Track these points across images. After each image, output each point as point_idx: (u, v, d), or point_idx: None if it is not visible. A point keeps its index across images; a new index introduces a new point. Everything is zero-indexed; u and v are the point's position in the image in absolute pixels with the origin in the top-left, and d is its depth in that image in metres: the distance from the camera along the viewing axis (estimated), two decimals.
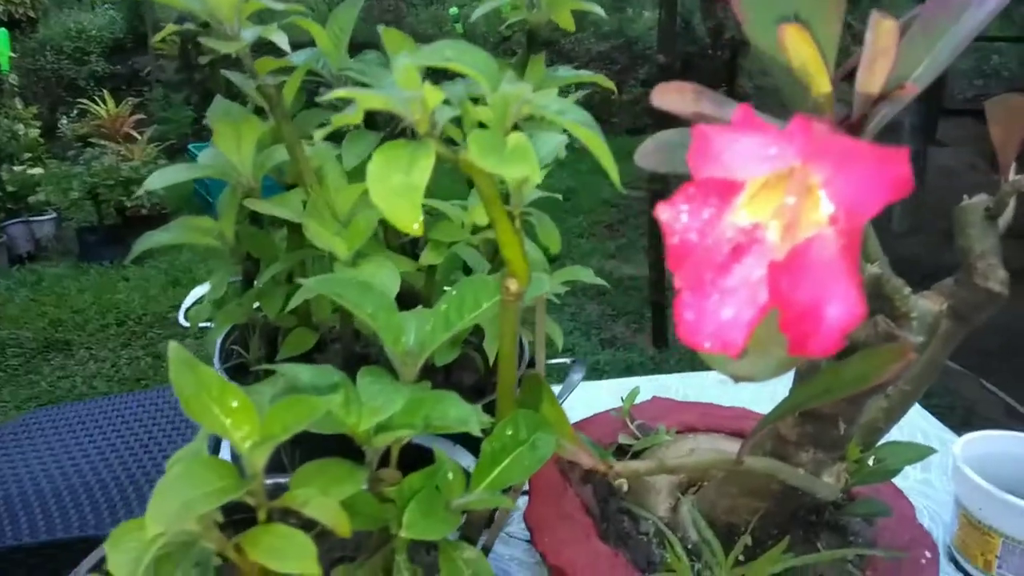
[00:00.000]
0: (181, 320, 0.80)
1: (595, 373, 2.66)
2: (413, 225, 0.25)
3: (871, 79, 0.25)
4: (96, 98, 4.08)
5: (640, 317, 3.12)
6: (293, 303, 0.52)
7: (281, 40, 0.54)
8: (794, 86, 0.29)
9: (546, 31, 0.70)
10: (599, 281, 0.70)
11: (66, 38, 5.09)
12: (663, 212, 0.19)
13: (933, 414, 0.96)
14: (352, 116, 0.29)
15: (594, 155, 0.28)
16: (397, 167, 0.25)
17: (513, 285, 0.31)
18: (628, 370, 2.71)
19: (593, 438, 0.68)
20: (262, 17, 0.59)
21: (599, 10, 0.61)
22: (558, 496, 0.61)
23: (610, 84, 0.71)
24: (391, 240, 0.70)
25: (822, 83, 0.27)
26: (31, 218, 3.65)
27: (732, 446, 0.63)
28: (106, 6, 5.43)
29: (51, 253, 3.70)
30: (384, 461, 0.39)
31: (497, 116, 0.26)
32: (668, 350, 2.87)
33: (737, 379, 0.25)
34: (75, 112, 4.32)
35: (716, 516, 0.55)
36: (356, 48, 0.65)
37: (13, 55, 4.08)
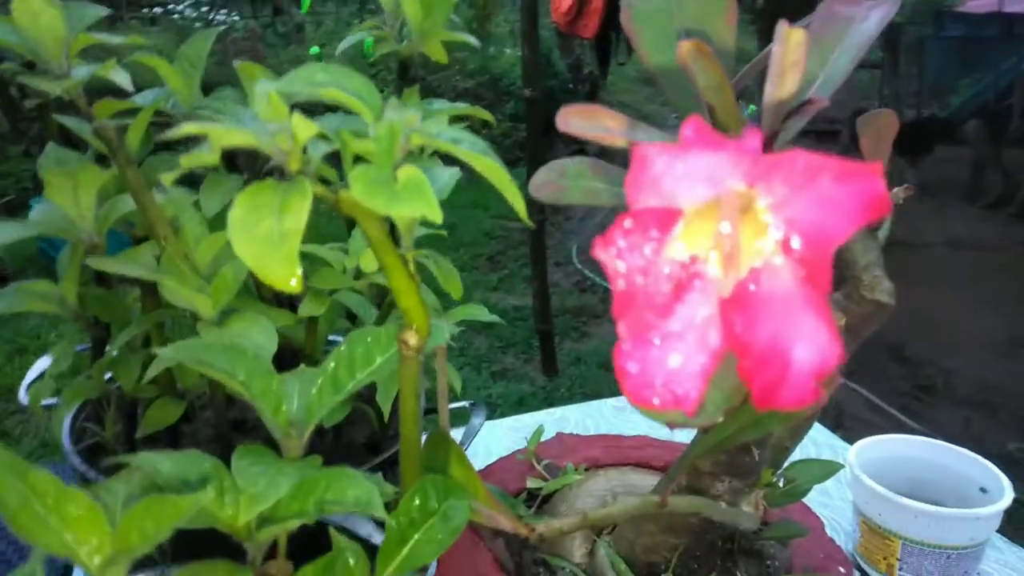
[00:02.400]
0: (22, 397, 0.70)
1: (488, 407, 2.62)
2: (290, 281, 0.21)
3: (782, 93, 0.24)
4: None
5: (528, 347, 3.13)
6: (151, 373, 0.46)
7: (122, 79, 0.49)
8: (692, 105, 0.27)
9: (416, 65, 0.68)
10: (494, 319, 0.67)
11: None
12: (601, 252, 0.16)
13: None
14: (206, 156, 0.24)
15: (471, 188, 0.25)
16: (266, 212, 0.21)
17: (412, 339, 0.28)
18: (521, 402, 2.70)
19: (500, 485, 0.65)
20: (100, 56, 0.53)
21: (473, 40, 0.59)
22: (470, 555, 0.56)
23: (488, 115, 0.69)
24: (264, 291, 0.64)
25: (728, 101, 0.26)
26: None
27: (642, 479, 0.61)
28: None
29: None
30: (273, 550, 0.34)
31: (384, 148, 0.22)
32: (559, 378, 2.89)
33: (672, 427, 0.22)
34: None
35: (636, 556, 0.52)
36: (209, 90, 0.59)
37: None
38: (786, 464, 0.54)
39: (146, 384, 0.58)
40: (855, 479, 0.69)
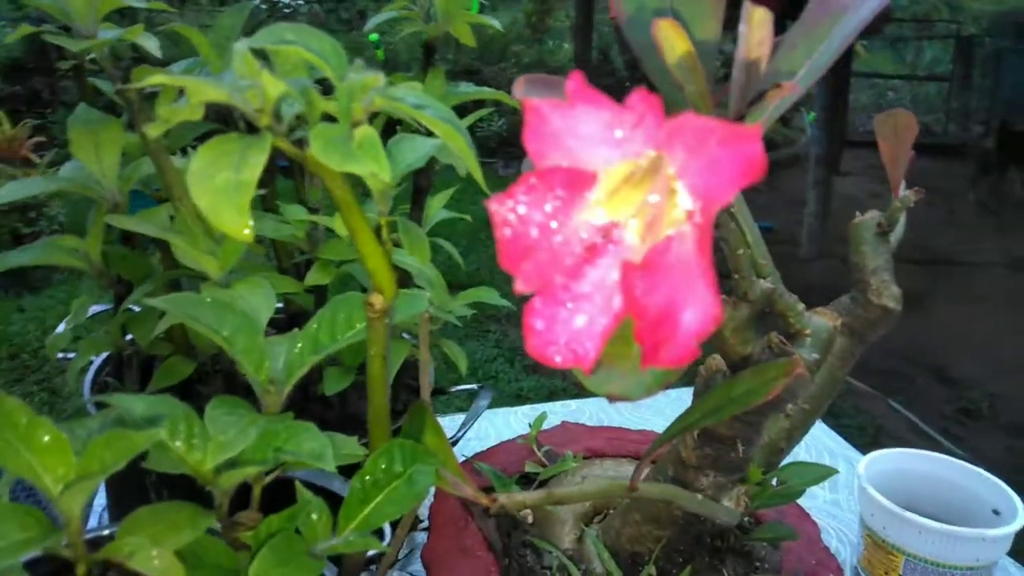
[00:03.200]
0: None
1: (519, 400, 2.63)
2: (243, 230, 0.22)
3: (748, 74, 0.24)
4: None
5: None
6: (159, 328, 0.48)
7: (151, 44, 0.50)
8: (669, 87, 0.27)
9: (446, 48, 0.68)
10: (504, 303, 0.67)
11: None
12: (494, 203, 0.17)
13: (842, 434, 0.97)
14: (186, 110, 0.25)
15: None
16: (225, 164, 0.22)
17: (378, 301, 0.28)
18: (552, 396, 2.70)
19: (499, 467, 0.65)
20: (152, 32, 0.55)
21: (496, 24, 0.59)
22: (459, 530, 0.57)
23: (514, 102, 0.69)
24: (283, 261, 0.66)
25: (697, 80, 0.26)
26: None
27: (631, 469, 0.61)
28: (3, 24, 5.16)
29: None
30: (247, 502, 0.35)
31: (343, 107, 0.23)
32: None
33: (612, 399, 0.22)
34: None
35: (621, 546, 0.52)
36: None
37: None
38: (781, 465, 0.53)
39: (161, 342, 0.60)
40: (862, 491, 0.67)
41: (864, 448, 0.96)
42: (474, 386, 0.75)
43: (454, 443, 0.69)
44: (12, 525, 0.24)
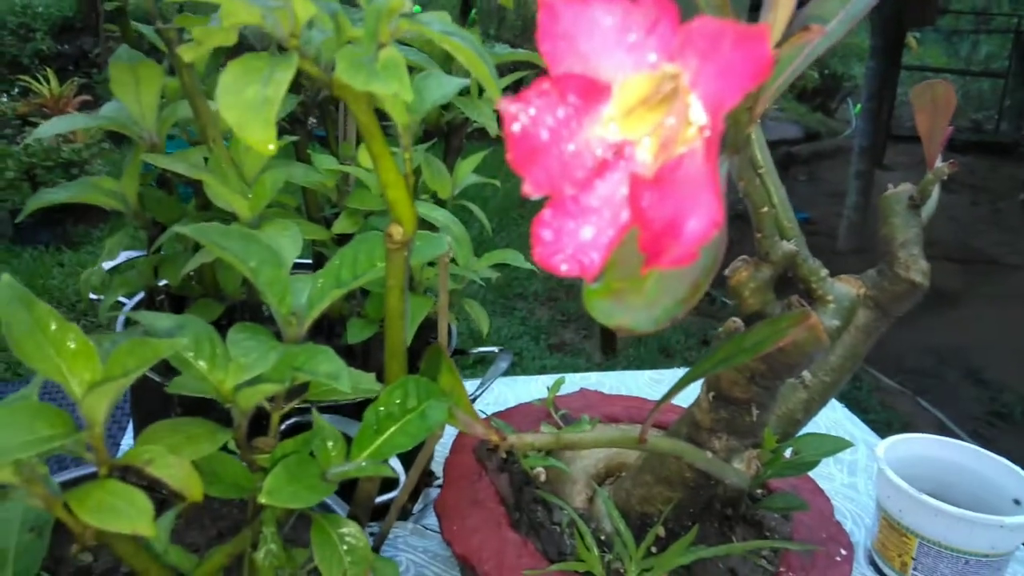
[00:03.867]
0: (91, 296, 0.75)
1: (545, 373, 2.63)
2: (268, 145, 0.22)
3: (774, 17, 0.23)
4: (39, 77, 3.93)
5: (589, 323, 3.12)
6: (189, 267, 0.49)
7: None
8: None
9: (489, 22, 0.68)
10: (528, 265, 0.68)
11: (10, 13, 4.89)
12: (505, 104, 0.17)
13: (870, 429, 0.96)
14: (219, 33, 0.26)
15: None
16: (253, 79, 0.23)
17: (397, 232, 0.29)
18: (585, 370, 2.70)
19: (515, 427, 0.66)
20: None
21: None
22: (472, 483, 0.58)
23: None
24: (312, 211, 0.67)
25: (726, 15, 0.25)
26: None
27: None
28: None
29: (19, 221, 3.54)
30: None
31: (369, 30, 0.23)
32: (616, 358, 2.88)
33: (620, 332, 0.23)
34: (16, 90, 4.15)
35: (631, 506, 0.53)
36: None
37: None
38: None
39: (191, 284, 0.61)
40: (879, 472, 0.67)
41: (868, 425, 0.94)
42: (494, 349, 0.75)
43: (473, 400, 0.69)
44: (40, 422, 0.25)
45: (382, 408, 0.33)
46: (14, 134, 3.61)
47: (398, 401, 0.34)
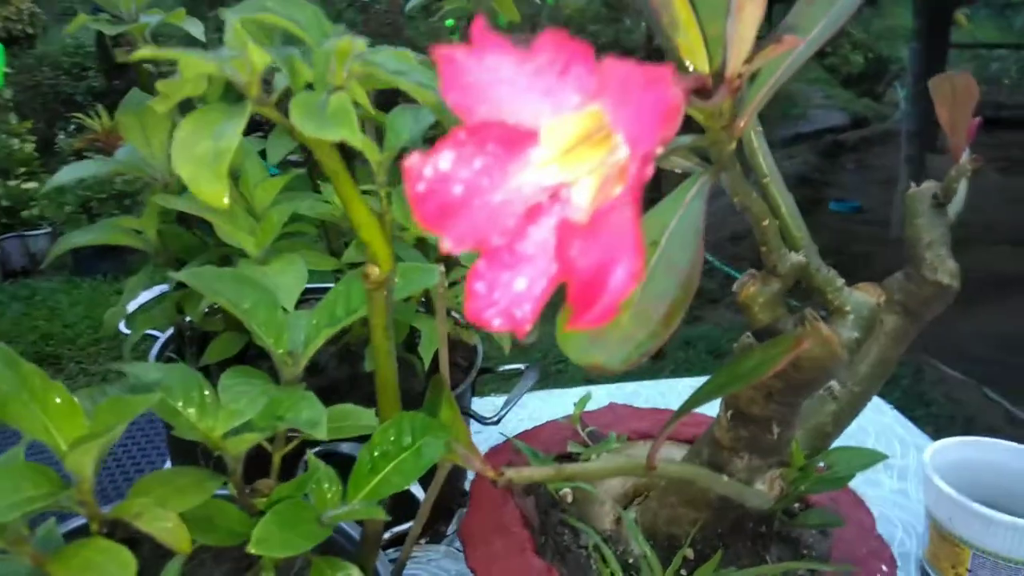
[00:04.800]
0: (122, 328, 0.77)
1: (587, 382, 2.61)
2: (221, 199, 0.22)
3: (739, 29, 0.22)
4: (92, 113, 4.09)
5: None
6: (203, 304, 0.49)
7: (195, 28, 0.52)
8: (674, 53, 0.26)
9: (522, 26, 0.68)
10: None
11: (63, 54, 5.10)
12: (412, 159, 0.16)
13: (931, 423, 0.93)
14: (184, 84, 0.26)
15: None
16: (206, 133, 0.22)
17: (374, 272, 0.28)
18: (621, 379, 2.67)
19: (541, 446, 0.65)
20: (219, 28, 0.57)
21: None
22: (497, 507, 0.57)
23: None
24: (332, 238, 0.67)
25: (693, 39, 0.24)
26: (26, 232, 3.65)
27: (681, 454, 0.60)
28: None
29: (45, 267, 3.69)
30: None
31: (318, 74, 0.23)
32: (663, 360, 2.84)
33: (593, 370, 0.22)
34: (72, 127, 4.32)
35: (658, 528, 0.51)
36: None
37: (9, 71, 4.09)
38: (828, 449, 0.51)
39: (214, 319, 0.62)
40: (927, 479, 0.64)
41: (920, 429, 0.90)
42: (521, 366, 0.74)
43: (497, 421, 0.69)
44: (26, 483, 0.25)
45: (376, 448, 0.33)
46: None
47: (392, 438, 0.33)
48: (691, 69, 0.25)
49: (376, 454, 0.33)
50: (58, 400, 0.27)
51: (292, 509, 0.31)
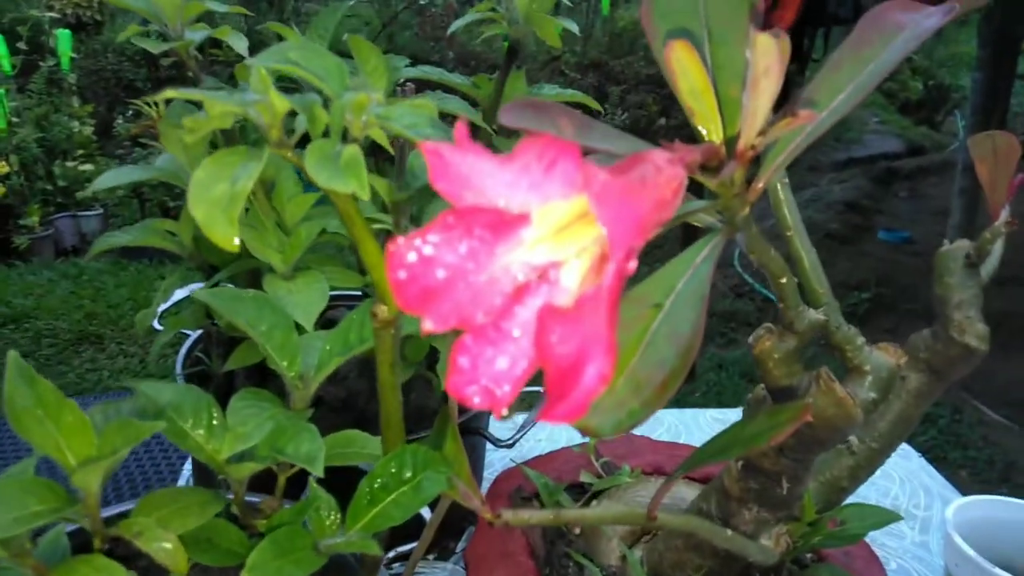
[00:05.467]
0: (155, 325, 0.79)
1: None
2: (232, 241, 0.23)
3: (754, 104, 0.22)
4: (148, 102, 4.20)
5: None
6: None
7: (238, 43, 0.53)
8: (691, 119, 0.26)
9: (575, 41, 0.68)
10: None
11: (128, 41, 5.25)
12: (397, 244, 0.16)
13: (968, 466, 0.90)
14: (205, 121, 0.27)
15: None
16: (224, 176, 0.23)
17: (381, 312, 0.29)
18: None
19: (553, 474, 0.65)
20: (263, 40, 0.58)
21: (573, 26, 0.59)
22: (503, 534, 0.57)
23: (595, 104, 0.68)
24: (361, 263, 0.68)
25: (709, 106, 0.24)
26: (79, 213, 3.76)
27: (693, 493, 0.59)
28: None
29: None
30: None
31: (334, 126, 0.24)
32: (694, 383, 2.80)
33: (584, 433, 0.22)
34: (130, 112, 4.45)
35: (663, 570, 0.51)
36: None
37: (75, 56, 4.23)
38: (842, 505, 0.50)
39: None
40: (947, 538, 0.62)
41: (991, 485, 0.87)
42: (539, 388, 0.74)
43: (511, 445, 0.69)
44: (31, 498, 0.26)
45: (377, 479, 0.33)
46: (125, 154, 3.87)
47: (394, 471, 0.33)
48: (705, 136, 0.25)
49: (376, 485, 0.33)
50: (71, 418, 0.28)
51: (289, 536, 0.31)
